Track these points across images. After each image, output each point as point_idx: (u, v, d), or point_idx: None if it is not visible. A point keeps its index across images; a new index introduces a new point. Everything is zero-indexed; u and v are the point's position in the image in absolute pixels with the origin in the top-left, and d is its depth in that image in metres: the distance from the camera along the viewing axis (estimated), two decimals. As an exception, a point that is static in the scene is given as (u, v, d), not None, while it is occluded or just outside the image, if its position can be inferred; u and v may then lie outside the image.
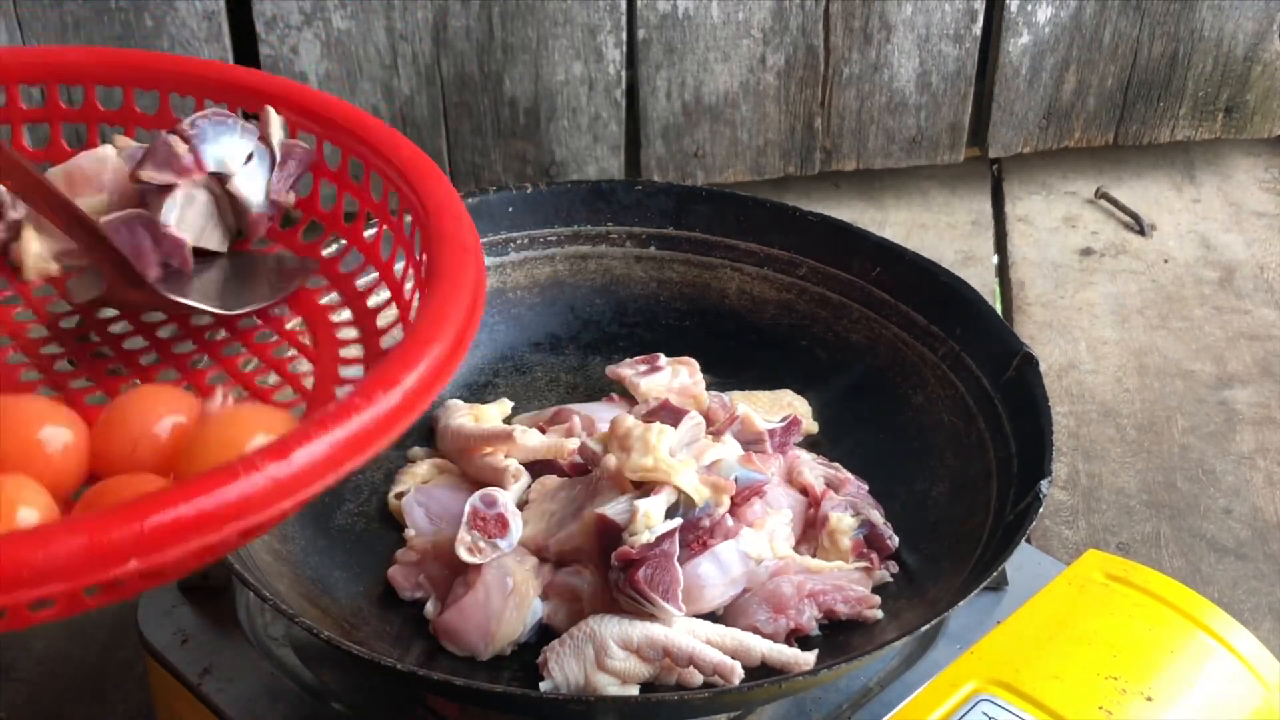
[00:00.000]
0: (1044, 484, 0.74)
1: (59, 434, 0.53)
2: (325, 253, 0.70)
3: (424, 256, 0.59)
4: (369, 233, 0.69)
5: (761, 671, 0.72)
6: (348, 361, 0.65)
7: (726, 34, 1.28)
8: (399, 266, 0.66)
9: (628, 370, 0.89)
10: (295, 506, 0.45)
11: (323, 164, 0.71)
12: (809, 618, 0.75)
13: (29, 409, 0.54)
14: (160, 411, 0.55)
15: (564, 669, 0.70)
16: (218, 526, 0.42)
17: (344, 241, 0.71)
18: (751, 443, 0.82)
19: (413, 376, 0.49)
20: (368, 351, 0.65)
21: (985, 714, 0.65)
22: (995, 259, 1.37)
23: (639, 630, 0.71)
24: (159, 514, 0.41)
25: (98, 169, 0.69)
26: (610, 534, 0.72)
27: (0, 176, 0.63)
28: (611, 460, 0.74)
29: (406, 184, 0.64)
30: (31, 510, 0.48)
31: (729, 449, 0.79)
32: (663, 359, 0.89)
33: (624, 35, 1.25)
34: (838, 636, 0.76)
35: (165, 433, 0.54)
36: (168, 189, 0.66)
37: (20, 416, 0.53)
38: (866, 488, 0.84)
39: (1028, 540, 0.78)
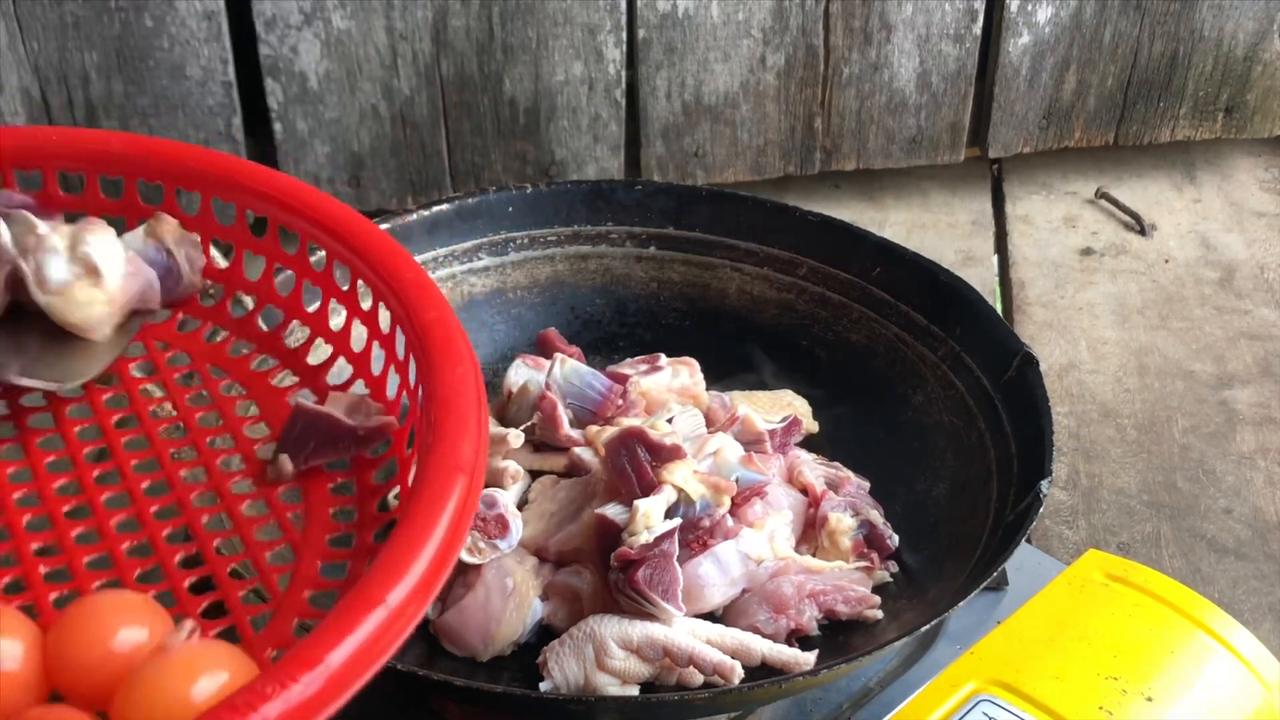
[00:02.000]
0: (1044, 484, 0.74)
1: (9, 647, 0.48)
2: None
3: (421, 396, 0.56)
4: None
5: (762, 671, 0.72)
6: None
7: (726, 34, 1.28)
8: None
9: (628, 370, 0.89)
10: None
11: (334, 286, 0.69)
12: (809, 618, 0.75)
13: None
14: (120, 624, 0.50)
15: (564, 669, 0.70)
16: None
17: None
18: (752, 443, 0.82)
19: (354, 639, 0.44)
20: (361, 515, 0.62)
21: (985, 714, 0.65)
22: (995, 259, 1.37)
23: (639, 630, 0.71)
24: None
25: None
26: (610, 534, 0.72)
27: None
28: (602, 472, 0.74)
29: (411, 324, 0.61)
30: None
31: (729, 440, 0.79)
32: (663, 359, 0.89)
33: (624, 35, 1.25)
34: (838, 636, 0.76)
35: (124, 650, 0.49)
36: None
37: None
38: (868, 486, 0.84)
39: (1028, 540, 0.78)
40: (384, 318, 0.65)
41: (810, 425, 0.89)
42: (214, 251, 0.73)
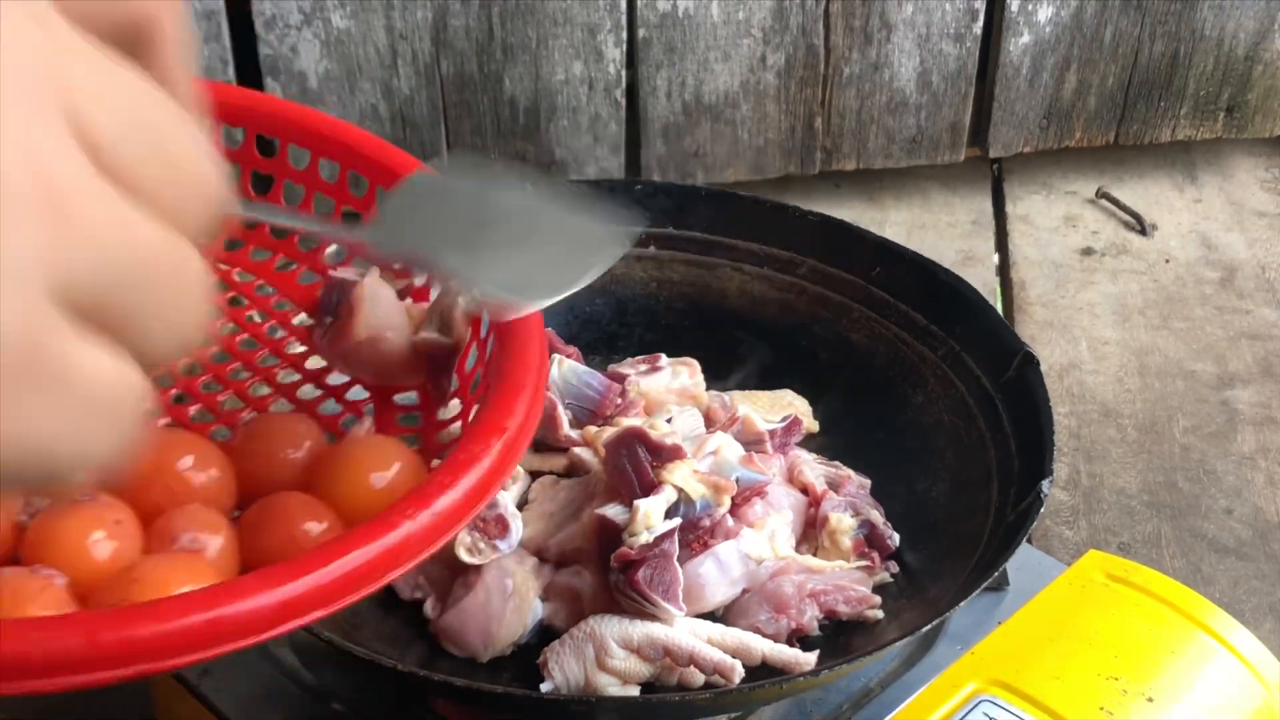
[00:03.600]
0: (1045, 484, 0.74)
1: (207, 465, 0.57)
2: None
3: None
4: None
5: (763, 671, 0.72)
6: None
7: (726, 33, 1.28)
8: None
9: (628, 370, 0.89)
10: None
11: None
12: (810, 617, 0.75)
13: (179, 444, 0.58)
14: (298, 435, 0.59)
15: (564, 669, 0.70)
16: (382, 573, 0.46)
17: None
18: (752, 443, 0.82)
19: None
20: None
21: (986, 714, 0.65)
22: (996, 259, 1.37)
23: (639, 629, 0.71)
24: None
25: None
26: (610, 535, 0.72)
27: None
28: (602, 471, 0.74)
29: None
30: (215, 537, 0.53)
31: (729, 440, 0.79)
32: (663, 359, 0.89)
33: (624, 35, 1.25)
34: (838, 637, 0.76)
35: (303, 456, 0.59)
36: None
37: (172, 453, 0.57)
38: (869, 484, 0.84)
39: (1028, 540, 0.78)
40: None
41: (810, 425, 0.89)
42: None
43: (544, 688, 0.70)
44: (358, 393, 0.67)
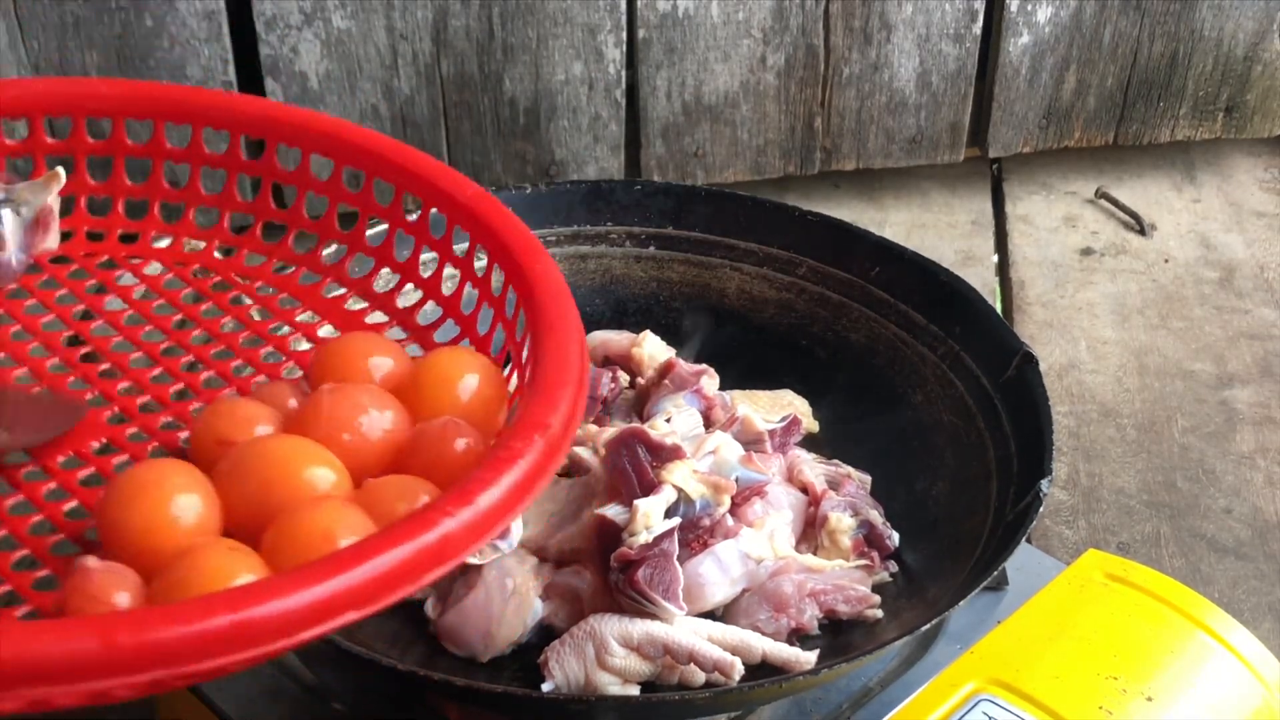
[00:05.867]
0: (1044, 483, 0.74)
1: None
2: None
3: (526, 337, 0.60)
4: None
5: (763, 670, 0.72)
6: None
7: (726, 34, 1.28)
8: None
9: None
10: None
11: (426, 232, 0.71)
12: (810, 617, 0.75)
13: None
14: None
15: (565, 668, 0.70)
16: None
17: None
18: (751, 443, 0.82)
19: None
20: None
21: (985, 714, 0.65)
22: (995, 259, 1.37)
23: (639, 628, 0.71)
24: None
25: None
26: (609, 534, 0.72)
27: None
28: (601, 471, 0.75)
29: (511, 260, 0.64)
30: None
31: (728, 439, 0.79)
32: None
33: (624, 35, 1.25)
34: (838, 636, 0.76)
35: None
36: None
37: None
38: (869, 482, 0.84)
39: (1028, 540, 0.78)
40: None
41: (810, 424, 0.89)
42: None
43: (545, 687, 0.70)
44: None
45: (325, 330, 0.70)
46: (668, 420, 0.81)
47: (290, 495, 0.52)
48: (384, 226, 0.74)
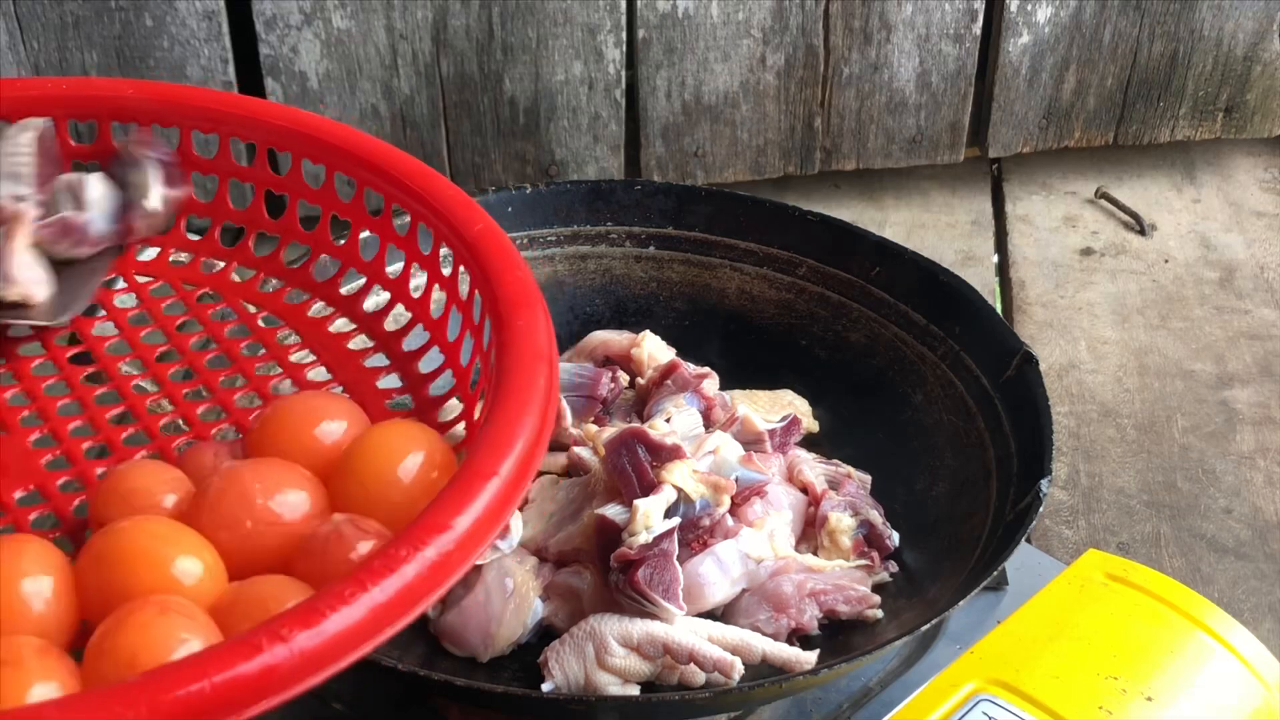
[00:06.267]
0: (1044, 483, 0.74)
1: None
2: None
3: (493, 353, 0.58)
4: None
5: (763, 670, 0.72)
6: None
7: (726, 34, 1.28)
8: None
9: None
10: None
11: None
12: (810, 617, 0.75)
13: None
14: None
15: (565, 668, 0.70)
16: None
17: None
18: (751, 443, 0.82)
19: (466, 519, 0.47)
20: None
21: (985, 714, 0.65)
22: (995, 259, 1.37)
23: (639, 627, 0.71)
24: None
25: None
26: (610, 534, 0.72)
27: None
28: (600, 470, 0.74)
29: (476, 265, 0.64)
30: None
31: (728, 439, 0.79)
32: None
33: (624, 35, 1.25)
34: (838, 636, 0.76)
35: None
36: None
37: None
38: (869, 480, 0.84)
39: (1028, 540, 0.78)
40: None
41: (810, 424, 0.89)
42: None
43: (545, 687, 0.70)
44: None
45: (285, 386, 0.68)
46: (668, 420, 0.81)
47: (151, 587, 0.48)
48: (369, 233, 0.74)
